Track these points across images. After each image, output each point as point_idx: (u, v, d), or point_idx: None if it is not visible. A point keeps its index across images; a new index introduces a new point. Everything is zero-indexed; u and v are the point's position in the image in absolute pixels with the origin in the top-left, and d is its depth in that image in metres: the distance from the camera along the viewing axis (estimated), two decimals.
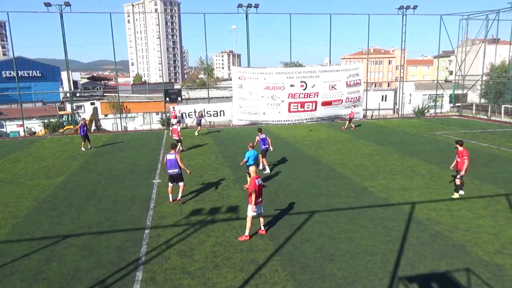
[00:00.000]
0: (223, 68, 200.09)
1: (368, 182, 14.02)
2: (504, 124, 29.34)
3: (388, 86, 76.68)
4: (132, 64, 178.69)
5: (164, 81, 75.09)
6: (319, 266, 7.99)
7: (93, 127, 38.42)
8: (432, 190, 12.97)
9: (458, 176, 12.01)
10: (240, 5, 30.42)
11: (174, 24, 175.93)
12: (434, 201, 11.86)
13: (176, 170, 11.80)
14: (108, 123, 42.03)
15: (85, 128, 21.31)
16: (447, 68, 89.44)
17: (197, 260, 8.36)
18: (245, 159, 13.21)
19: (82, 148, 21.34)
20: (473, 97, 43.04)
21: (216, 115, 30.61)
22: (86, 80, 69.88)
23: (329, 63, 37.53)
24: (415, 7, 33.17)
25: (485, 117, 33.69)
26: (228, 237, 9.44)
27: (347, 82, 31.11)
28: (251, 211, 9.30)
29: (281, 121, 30.57)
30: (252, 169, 9.62)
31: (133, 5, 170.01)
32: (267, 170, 15.55)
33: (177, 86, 67.38)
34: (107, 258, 8.51)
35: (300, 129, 27.60)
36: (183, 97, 36.36)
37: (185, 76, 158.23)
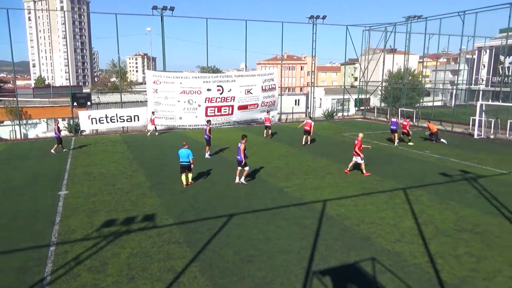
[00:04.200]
0: (137, 71, 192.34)
1: (283, 182, 14.55)
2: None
3: (301, 91, 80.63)
4: (34, 66, 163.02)
5: (71, 84, 69.76)
6: (238, 268, 8.06)
7: None
8: (341, 187, 13.90)
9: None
10: (155, 7, 29.55)
11: (83, 23, 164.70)
12: (343, 197, 12.72)
13: (239, 157, 14.01)
14: (5, 131, 37.70)
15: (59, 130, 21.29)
16: (352, 74, 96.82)
17: (110, 274, 7.88)
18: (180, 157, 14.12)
19: (52, 150, 20.82)
20: (375, 101, 47.16)
21: (130, 120, 29.27)
22: None
23: (245, 68, 38.29)
24: (324, 17, 35.38)
25: (385, 119, 37.11)
26: (144, 247, 9.06)
27: (262, 86, 31.98)
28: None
29: (198, 125, 30.28)
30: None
31: (34, 1, 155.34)
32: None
33: (86, 90, 63.05)
34: (4, 282, 7.60)
35: (218, 133, 27.63)
36: (93, 101, 34.16)
37: (95, 80, 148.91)
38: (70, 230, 10.18)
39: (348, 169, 15.85)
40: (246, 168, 14.30)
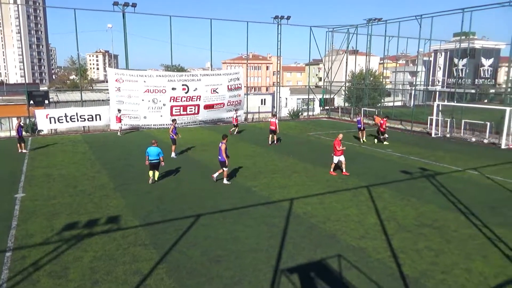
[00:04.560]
0: (98, 69, 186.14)
1: (250, 182, 14.58)
2: (364, 125, 33.48)
3: (267, 91, 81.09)
4: None
5: (27, 81, 66.57)
6: (206, 269, 8.00)
7: None
8: (307, 186, 14.12)
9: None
10: (116, 3, 28.64)
11: (39, 18, 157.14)
12: (309, 196, 12.91)
13: (220, 157, 14.08)
14: None
15: (21, 129, 20.68)
16: (317, 74, 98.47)
17: (72, 279, 7.58)
18: (146, 155, 14.22)
19: (22, 150, 20.23)
20: (339, 101, 48.31)
21: (91, 119, 28.27)
22: None
23: (211, 67, 38.02)
24: (288, 18, 35.70)
25: (349, 118, 38.07)
26: (108, 250, 8.79)
27: (228, 86, 31.87)
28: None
29: (164, 125, 29.76)
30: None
31: None
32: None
33: (43, 88, 60.33)
34: None
35: (184, 133, 27.26)
36: (51, 99, 32.70)
37: (53, 77, 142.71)
38: (28, 234, 9.71)
39: (345, 171, 15.78)
40: (225, 169, 14.35)
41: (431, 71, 65.27)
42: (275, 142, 22.63)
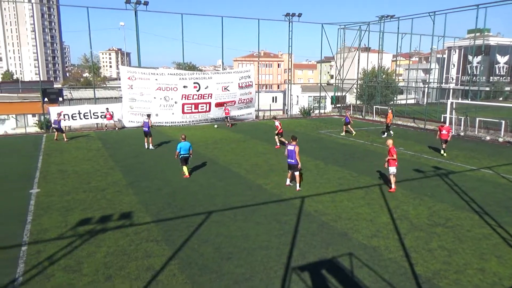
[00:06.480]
0: (110, 66, 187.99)
1: (262, 180, 14.58)
2: (375, 123, 33.29)
3: (278, 88, 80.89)
4: (1, 60, 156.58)
5: (42, 79, 67.63)
6: (217, 266, 8.04)
7: None
8: (319, 184, 14.06)
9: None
10: (128, 1, 28.92)
11: (53, 16, 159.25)
12: (320, 194, 12.87)
13: (293, 161, 12.93)
14: None
15: (59, 121, 23.35)
16: (328, 72, 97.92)
17: (86, 273, 7.70)
18: (177, 151, 14.73)
19: (65, 139, 22.90)
20: (351, 99, 47.95)
21: (104, 116, 28.61)
22: None
23: (222, 65, 38.13)
24: (299, 15, 35.59)
25: (361, 116, 37.79)
26: (121, 246, 8.90)
27: (239, 84, 31.94)
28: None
29: (175, 122, 30.01)
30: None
31: None
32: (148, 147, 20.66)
33: (57, 85, 61.16)
34: None
35: (195, 130, 27.43)
36: (65, 97, 33.17)
37: (67, 75, 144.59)
38: (43, 229, 9.88)
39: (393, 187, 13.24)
40: (297, 173, 13.14)
41: (445, 68, 64.35)
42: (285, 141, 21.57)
